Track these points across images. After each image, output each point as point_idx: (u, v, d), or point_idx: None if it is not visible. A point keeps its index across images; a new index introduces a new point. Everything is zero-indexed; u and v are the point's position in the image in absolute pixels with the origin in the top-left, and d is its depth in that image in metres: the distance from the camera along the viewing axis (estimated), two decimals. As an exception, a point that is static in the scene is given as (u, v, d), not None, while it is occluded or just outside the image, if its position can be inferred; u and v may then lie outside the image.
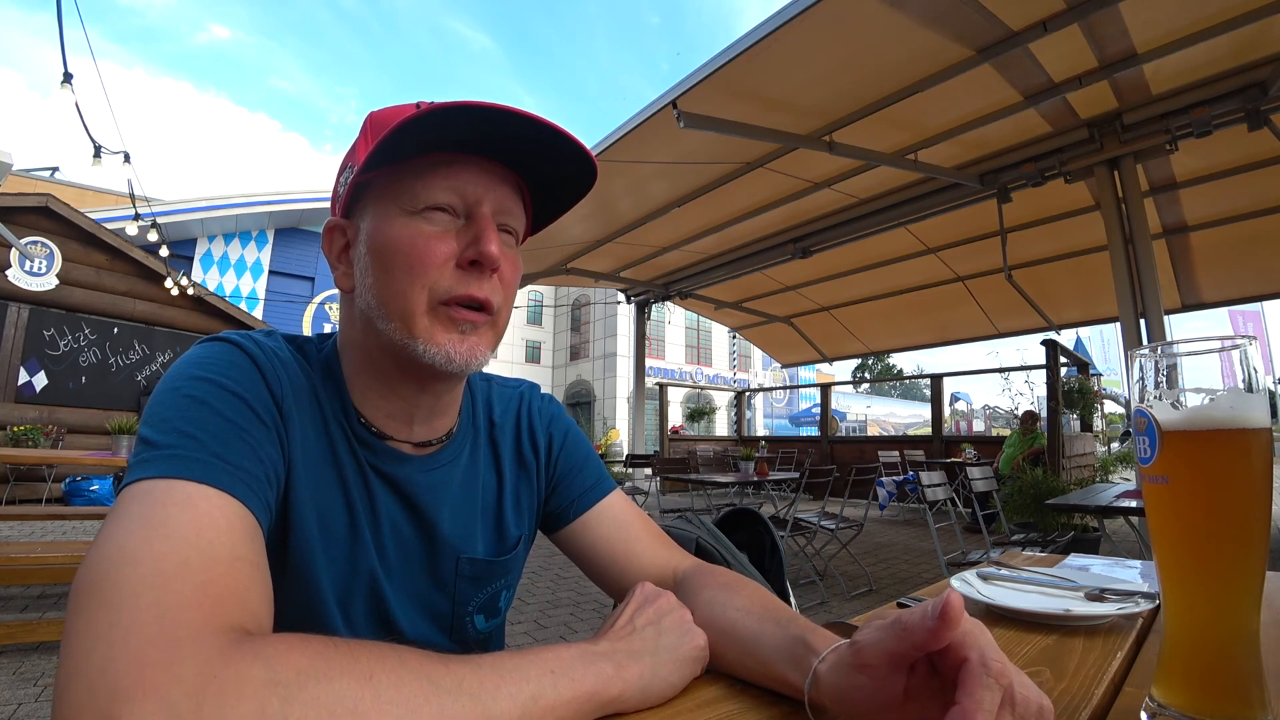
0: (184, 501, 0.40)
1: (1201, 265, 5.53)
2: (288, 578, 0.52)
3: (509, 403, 0.72)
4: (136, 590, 0.34)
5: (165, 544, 0.37)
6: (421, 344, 0.52)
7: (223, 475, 0.43)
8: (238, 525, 0.41)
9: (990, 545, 3.39)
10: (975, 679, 0.31)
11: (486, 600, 0.65)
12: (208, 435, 0.44)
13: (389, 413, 0.58)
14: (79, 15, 4.00)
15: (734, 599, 0.53)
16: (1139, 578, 0.77)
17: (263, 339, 0.55)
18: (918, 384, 40.14)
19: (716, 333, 26.69)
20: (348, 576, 0.55)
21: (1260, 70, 3.48)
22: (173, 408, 0.45)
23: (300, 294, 17.91)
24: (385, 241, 0.53)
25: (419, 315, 0.52)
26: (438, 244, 0.52)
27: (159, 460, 0.42)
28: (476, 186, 0.54)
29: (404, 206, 0.53)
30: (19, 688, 2.12)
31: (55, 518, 3.91)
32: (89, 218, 7.47)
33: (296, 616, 0.52)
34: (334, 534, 0.55)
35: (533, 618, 3.20)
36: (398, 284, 0.52)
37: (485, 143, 0.54)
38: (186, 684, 0.30)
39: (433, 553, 0.60)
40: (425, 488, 0.60)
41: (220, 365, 0.49)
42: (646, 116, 3.82)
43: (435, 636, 0.61)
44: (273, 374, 0.52)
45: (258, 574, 0.41)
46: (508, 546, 0.66)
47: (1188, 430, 0.37)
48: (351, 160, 0.55)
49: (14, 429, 6.59)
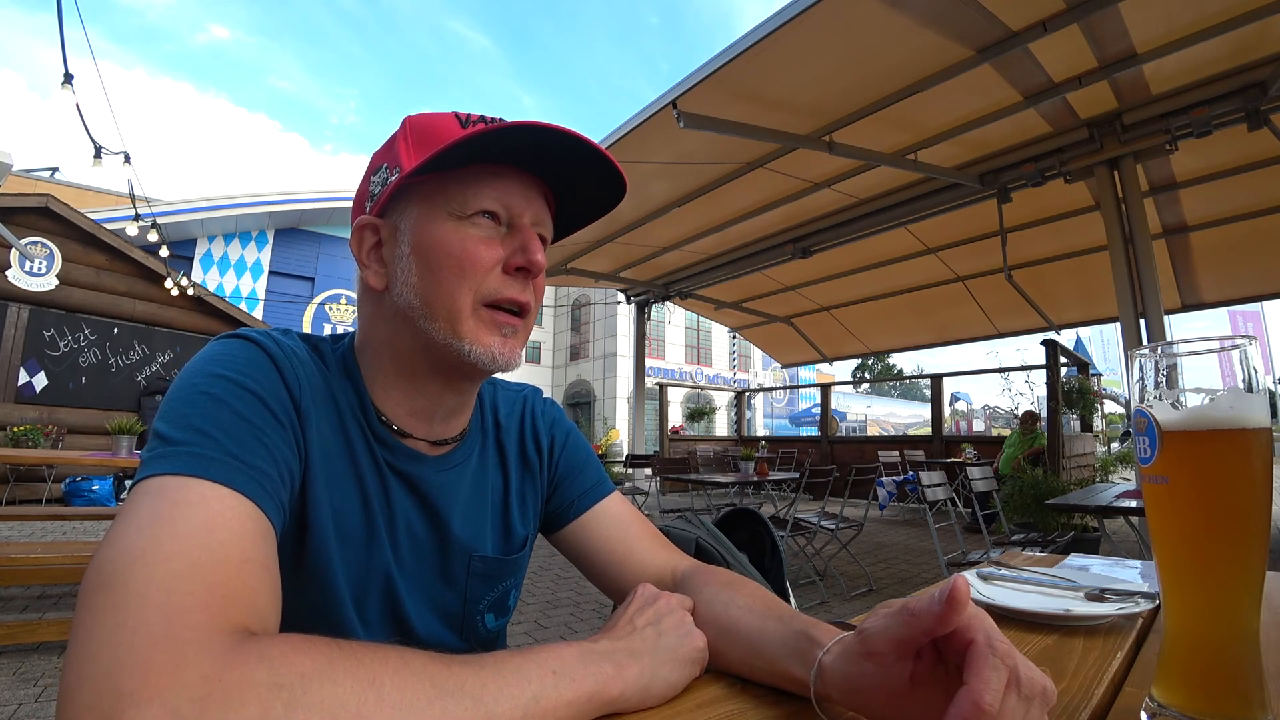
0: (197, 501, 0.40)
1: (1201, 265, 5.53)
2: (304, 576, 0.52)
3: (513, 405, 0.73)
4: (145, 590, 0.34)
5: (176, 544, 0.37)
6: (468, 344, 0.54)
7: (237, 475, 0.43)
8: (250, 527, 0.41)
9: (990, 545, 3.39)
10: (983, 659, 0.32)
11: (497, 599, 0.66)
12: (223, 434, 0.44)
13: (411, 410, 0.59)
14: (79, 15, 4.01)
15: (735, 597, 0.53)
16: (1139, 578, 0.77)
17: (280, 337, 0.55)
18: (918, 384, 40.16)
19: (716, 333, 26.68)
20: (363, 575, 0.56)
21: (1260, 70, 3.48)
22: (190, 404, 0.45)
23: (300, 294, 17.92)
24: (434, 243, 0.54)
25: (465, 316, 0.54)
26: (485, 249, 0.55)
27: (174, 457, 0.42)
28: (520, 197, 0.57)
29: (452, 211, 0.55)
30: (19, 688, 2.12)
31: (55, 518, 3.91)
32: (89, 218, 7.47)
33: (312, 615, 0.52)
34: (350, 532, 0.55)
35: (533, 618, 3.20)
36: (446, 285, 0.54)
37: (529, 157, 0.56)
38: (191, 688, 0.30)
39: (445, 552, 0.61)
40: (439, 487, 0.61)
41: (239, 363, 0.49)
42: (646, 116, 3.83)
43: (446, 635, 0.62)
44: (290, 372, 0.52)
45: (267, 576, 0.41)
46: (515, 546, 0.67)
47: (1188, 430, 0.37)
48: (388, 161, 0.57)
49: (14, 429, 6.59)
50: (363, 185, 0.60)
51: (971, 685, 0.31)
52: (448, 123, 0.55)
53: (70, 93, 3.94)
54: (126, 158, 5.35)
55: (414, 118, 0.58)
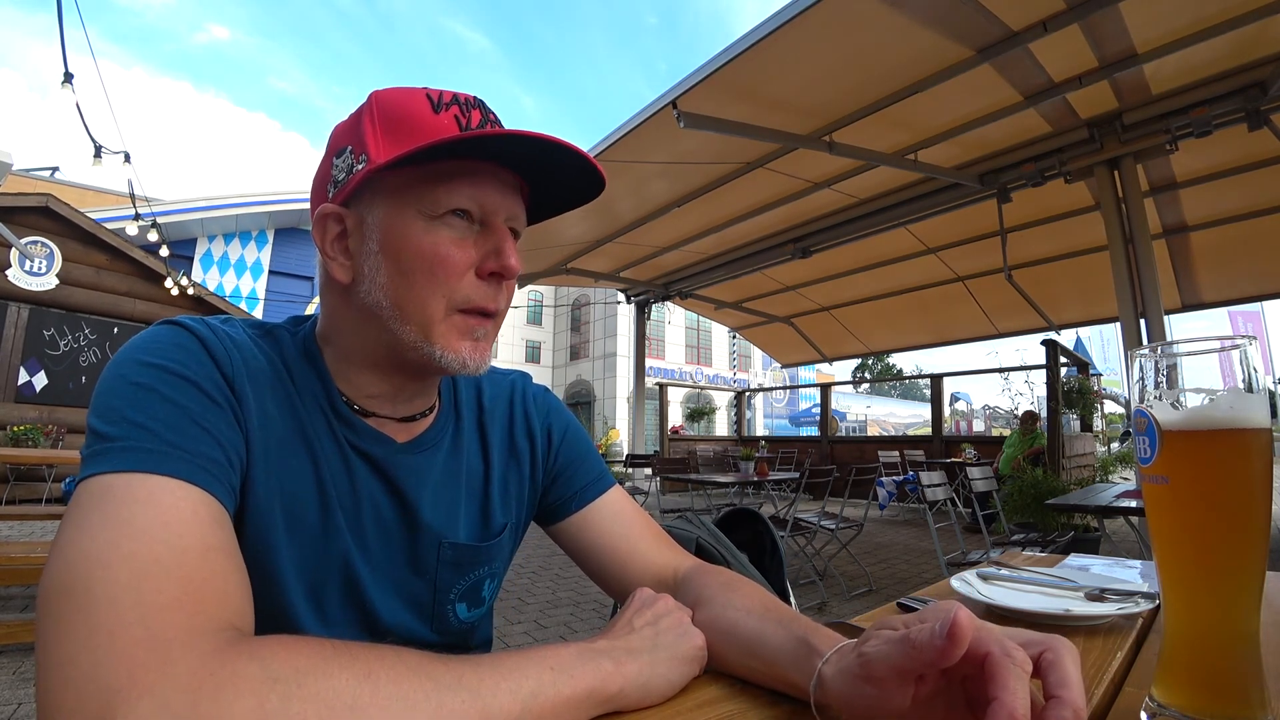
0: (145, 497, 0.39)
1: (1201, 265, 5.53)
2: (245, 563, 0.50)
3: (499, 390, 0.71)
4: (112, 594, 0.33)
5: (134, 543, 0.36)
6: (439, 350, 0.53)
7: (180, 464, 0.42)
8: (204, 514, 0.41)
9: (990, 545, 3.39)
10: (1005, 670, 0.31)
11: (469, 588, 0.63)
12: (160, 424, 0.43)
13: (372, 394, 0.58)
14: (79, 15, 4.01)
15: (734, 599, 0.53)
16: (1139, 578, 0.77)
17: (215, 322, 0.54)
18: (918, 384, 40.14)
19: (716, 333, 26.69)
20: (318, 563, 0.54)
21: (1260, 70, 3.48)
22: (120, 396, 0.44)
23: (300, 294, 17.92)
24: (404, 244, 0.52)
25: (437, 322, 0.53)
26: (458, 252, 0.53)
27: (113, 453, 0.41)
28: (495, 195, 0.54)
29: (424, 210, 0.52)
30: (19, 688, 2.12)
31: (55, 518, 3.91)
32: (89, 218, 7.47)
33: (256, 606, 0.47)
34: (301, 517, 0.53)
35: (533, 618, 3.20)
36: (418, 290, 0.52)
37: (507, 155, 0.55)
38: (181, 682, 0.30)
39: (414, 537, 0.59)
40: (408, 470, 0.59)
41: (166, 349, 0.48)
42: (646, 117, 3.83)
43: (415, 625, 0.60)
44: (223, 354, 0.50)
45: (232, 563, 0.40)
46: (492, 532, 0.65)
47: (1188, 430, 0.37)
48: (353, 143, 0.53)
49: (14, 429, 6.59)
50: (323, 166, 0.56)
51: (1003, 700, 0.30)
52: (418, 105, 0.53)
53: (70, 92, 3.94)
54: (126, 157, 5.35)
55: (381, 94, 0.54)
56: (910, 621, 0.36)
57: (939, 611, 0.33)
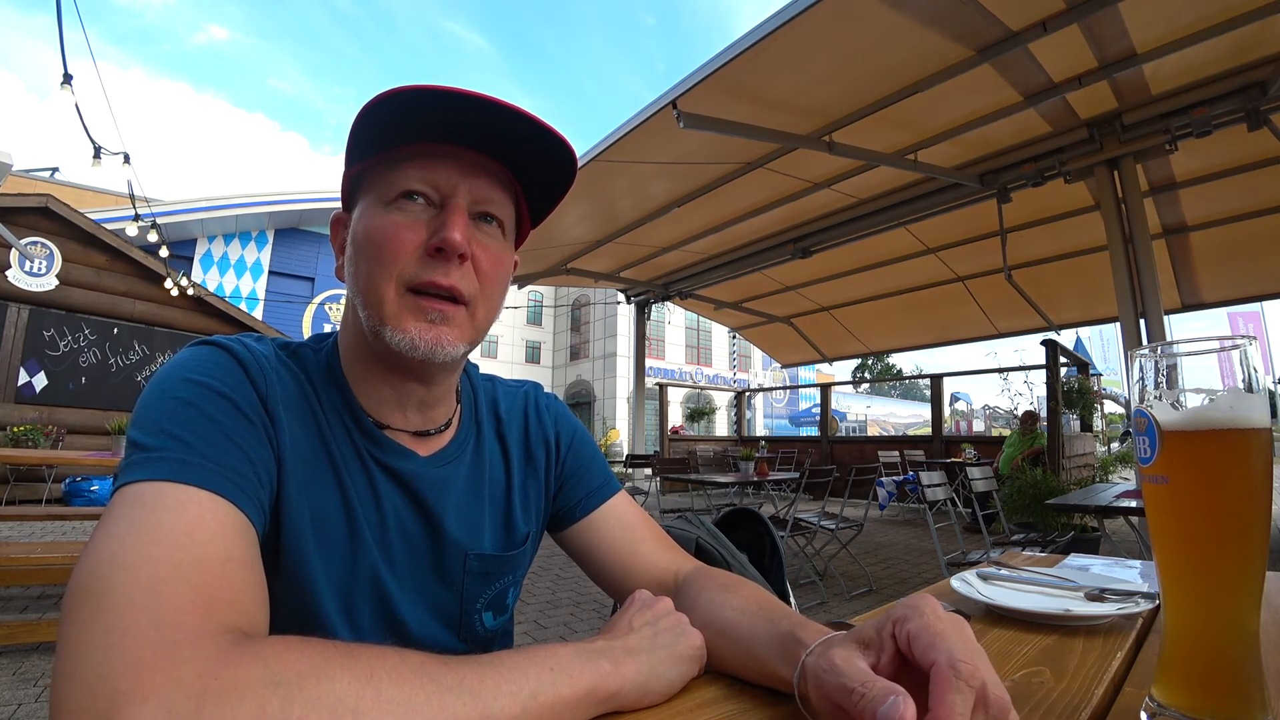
0: (175, 506, 0.40)
1: (1201, 265, 5.53)
2: (281, 579, 0.51)
3: (515, 400, 0.72)
4: (130, 596, 0.34)
5: (157, 548, 0.37)
6: (389, 330, 0.53)
7: (212, 477, 0.43)
8: (229, 526, 0.42)
9: (990, 545, 3.38)
10: (946, 683, 0.31)
11: (495, 597, 0.65)
12: (196, 437, 0.45)
13: (383, 399, 0.59)
14: (78, 16, 4.01)
15: (731, 599, 0.53)
16: (1139, 578, 0.77)
17: (251, 342, 0.55)
18: (918, 384, 40.15)
19: (716, 333, 26.69)
20: (348, 576, 0.55)
21: (1260, 70, 3.48)
22: (161, 410, 0.46)
23: (300, 294, 17.92)
24: (362, 231, 0.54)
25: (388, 302, 0.53)
26: (406, 232, 0.53)
27: (149, 463, 0.42)
28: (451, 174, 0.54)
29: (380, 197, 0.54)
30: (19, 688, 2.12)
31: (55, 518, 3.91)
32: (89, 218, 7.46)
33: (293, 620, 0.51)
34: (330, 533, 0.54)
35: (533, 618, 3.20)
36: (370, 272, 0.53)
37: (459, 132, 0.54)
38: (186, 685, 0.30)
39: (439, 550, 0.60)
40: (431, 484, 0.60)
41: (207, 367, 0.50)
42: (646, 117, 3.82)
43: (443, 635, 0.61)
44: (259, 375, 0.52)
45: (251, 575, 0.41)
46: (516, 542, 0.66)
47: (1188, 430, 0.37)
48: (347, 153, 0.57)
49: (14, 429, 6.58)
50: (343, 177, 0.61)
51: (936, 713, 0.30)
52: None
53: (69, 93, 3.93)
54: (126, 158, 5.35)
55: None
56: (883, 626, 0.37)
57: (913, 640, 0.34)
